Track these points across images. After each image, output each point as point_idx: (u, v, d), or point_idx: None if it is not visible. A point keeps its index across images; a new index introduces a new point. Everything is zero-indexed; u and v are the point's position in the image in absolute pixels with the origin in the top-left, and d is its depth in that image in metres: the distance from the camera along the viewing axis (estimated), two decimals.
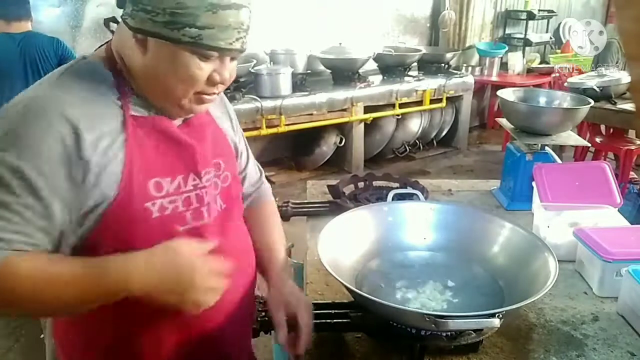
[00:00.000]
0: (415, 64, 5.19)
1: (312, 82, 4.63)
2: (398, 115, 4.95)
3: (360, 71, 4.85)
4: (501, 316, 0.96)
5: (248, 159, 1.22)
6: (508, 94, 2.04)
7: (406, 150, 5.21)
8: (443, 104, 5.18)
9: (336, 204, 1.78)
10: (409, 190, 1.73)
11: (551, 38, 6.62)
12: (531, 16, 6.25)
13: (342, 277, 1.10)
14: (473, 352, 1.12)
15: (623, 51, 2.53)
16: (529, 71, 6.06)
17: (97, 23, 3.99)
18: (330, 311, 1.16)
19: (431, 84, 5.03)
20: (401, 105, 4.90)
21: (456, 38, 6.04)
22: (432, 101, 5.06)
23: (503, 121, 2.08)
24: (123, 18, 0.86)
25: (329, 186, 1.94)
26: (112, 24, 0.93)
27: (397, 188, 1.79)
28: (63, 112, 0.82)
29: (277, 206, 1.31)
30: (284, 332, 1.02)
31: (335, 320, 1.14)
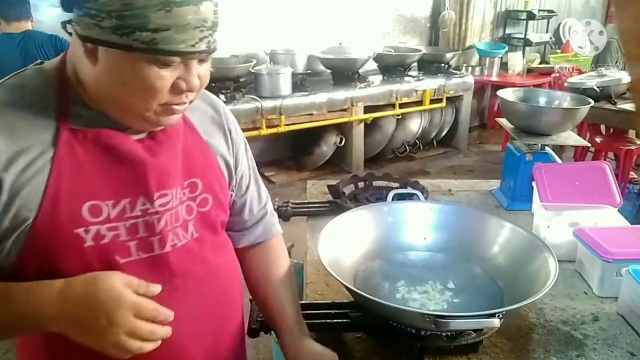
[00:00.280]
0: (415, 64, 5.18)
1: (312, 82, 4.62)
2: (398, 115, 4.94)
3: (360, 71, 4.84)
4: (501, 316, 0.96)
5: (250, 182, 1.06)
6: (508, 94, 2.04)
7: (406, 150, 5.21)
8: (443, 104, 5.18)
9: (336, 204, 1.78)
10: (409, 190, 1.73)
11: (551, 38, 6.61)
12: (531, 16, 6.24)
13: (342, 277, 1.10)
14: (473, 352, 1.12)
15: (623, 51, 2.52)
16: (529, 71, 6.04)
17: None
18: (330, 311, 1.16)
19: (431, 84, 5.02)
20: (401, 105, 4.90)
21: (456, 38, 6.04)
22: (432, 101, 5.06)
23: (503, 121, 2.08)
24: (72, 24, 0.75)
25: (329, 186, 1.94)
26: (70, 26, 0.78)
27: (397, 188, 1.79)
28: None
29: (277, 206, 1.26)
30: None
31: (335, 320, 1.14)
